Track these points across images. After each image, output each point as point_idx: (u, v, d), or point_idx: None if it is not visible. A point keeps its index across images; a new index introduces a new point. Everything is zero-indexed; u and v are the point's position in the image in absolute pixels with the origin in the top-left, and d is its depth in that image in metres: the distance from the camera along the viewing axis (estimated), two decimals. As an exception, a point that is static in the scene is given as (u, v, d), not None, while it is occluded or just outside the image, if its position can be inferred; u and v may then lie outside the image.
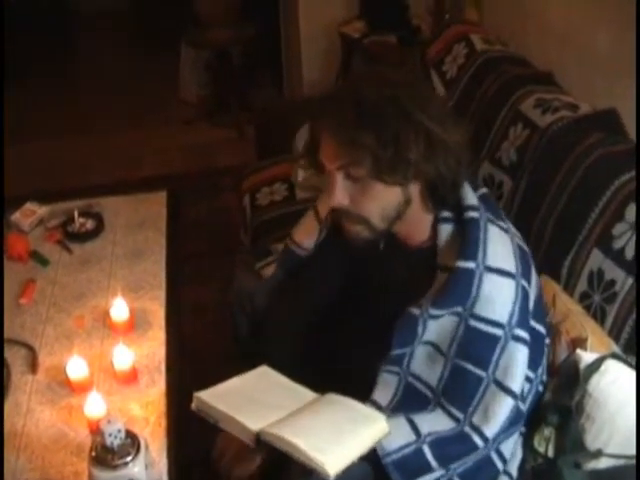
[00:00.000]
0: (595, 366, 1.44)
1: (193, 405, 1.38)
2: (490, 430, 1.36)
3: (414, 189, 1.40)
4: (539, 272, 1.59)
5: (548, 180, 1.88)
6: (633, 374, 1.43)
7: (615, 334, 1.60)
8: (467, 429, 1.37)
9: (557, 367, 1.56)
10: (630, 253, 1.60)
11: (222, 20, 4.13)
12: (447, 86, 2.51)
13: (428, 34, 3.17)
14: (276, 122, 2.92)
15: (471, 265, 1.35)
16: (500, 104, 2.17)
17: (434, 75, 2.58)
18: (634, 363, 1.45)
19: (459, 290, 1.35)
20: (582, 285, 1.71)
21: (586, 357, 1.47)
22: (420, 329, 1.38)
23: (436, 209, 1.44)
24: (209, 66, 4.39)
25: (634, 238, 1.60)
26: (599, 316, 1.64)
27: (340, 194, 1.38)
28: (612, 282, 1.63)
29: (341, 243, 1.52)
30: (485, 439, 1.37)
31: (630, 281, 1.58)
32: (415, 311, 1.38)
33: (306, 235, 1.69)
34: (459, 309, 1.36)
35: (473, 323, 1.36)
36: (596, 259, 1.68)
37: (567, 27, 2.32)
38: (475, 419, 1.37)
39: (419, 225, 1.46)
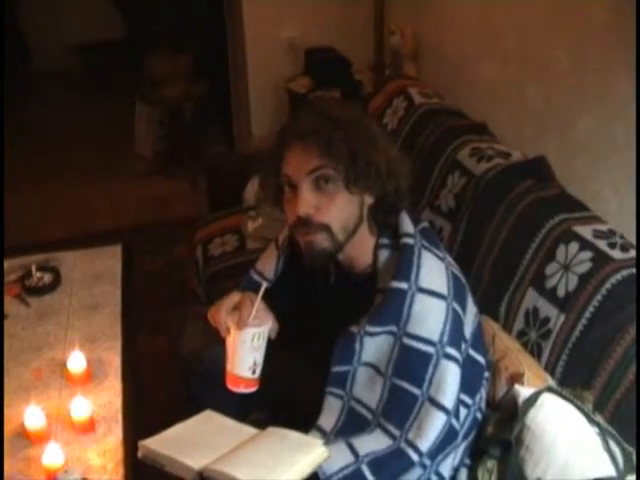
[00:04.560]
0: (532, 400, 1.50)
1: (139, 453, 1.39)
2: (424, 444, 1.42)
3: (365, 209, 1.52)
4: (480, 312, 1.66)
5: (485, 224, 1.96)
6: (567, 406, 1.49)
7: (550, 368, 1.66)
8: (403, 445, 1.43)
9: (497, 402, 1.62)
10: (562, 291, 1.68)
11: (173, 78, 4.22)
12: (388, 137, 2.60)
13: (370, 88, 3.24)
14: (227, 175, 2.98)
15: (404, 285, 1.45)
16: (438, 154, 2.25)
17: (376, 127, 2.67)
18: (568, 395, 1.51)
19: (392, 308, 1.45)
20: (519, 323, 1.78)
21: (524, 392, 1.52)
22: (357, 346, 1.48)
23: (377, 234, 1.56)
24: (162, 122, 4.45)
25: (565, 277, 1.68)
26: (536, 352, 1.71)
27: (306, 202, 1.46)
28: (546, 319, 1.70)
29: (296, 274, 1.63)
30: (420, 453, 1.42)
31: (562, 318, 1.66)
32: (353, 329, 1.48)
33: (268, 264, 1.76)
34: (394, 328, 1.45)
35: (407, 341, 1.45)
36: (531, 298, 1.76)
37: (499, 82, 2.43)
38: (410, 435, 1.44)
39: (364, 249, 1.56)
